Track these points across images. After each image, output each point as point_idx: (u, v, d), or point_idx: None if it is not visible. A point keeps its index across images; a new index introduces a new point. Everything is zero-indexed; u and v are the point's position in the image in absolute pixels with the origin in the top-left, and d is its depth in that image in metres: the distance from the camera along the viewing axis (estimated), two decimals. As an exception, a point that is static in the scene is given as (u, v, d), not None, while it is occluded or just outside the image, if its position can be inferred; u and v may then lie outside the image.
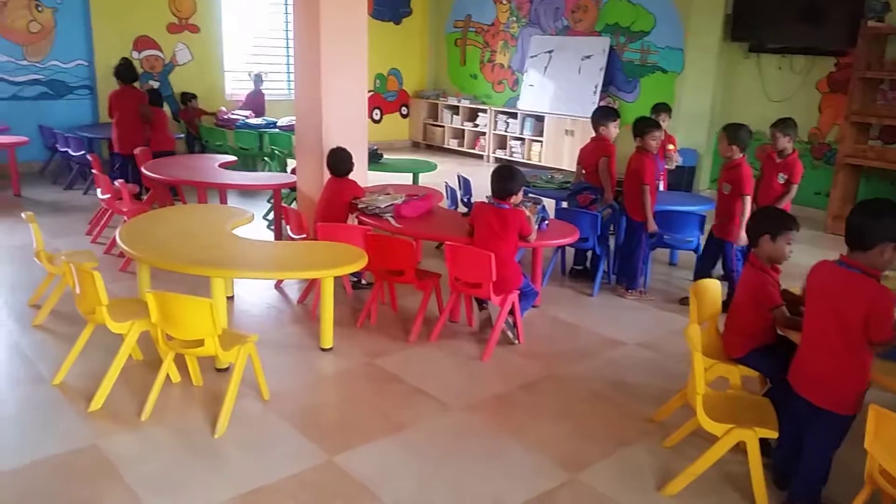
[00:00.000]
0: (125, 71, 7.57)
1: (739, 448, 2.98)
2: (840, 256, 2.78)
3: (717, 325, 3.61)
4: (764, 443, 3.06)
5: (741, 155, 5.07)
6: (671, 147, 6.41)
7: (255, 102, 10.55)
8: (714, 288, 3.65)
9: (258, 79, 10.70)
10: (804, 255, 3.88)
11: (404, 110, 13.18)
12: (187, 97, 10.08)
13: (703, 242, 5.55)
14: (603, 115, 5.82)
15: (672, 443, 3.41)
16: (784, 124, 5.48)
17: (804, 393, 2.89)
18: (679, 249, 6.11)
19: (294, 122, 8.97)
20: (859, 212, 2.77)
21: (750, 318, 3.34)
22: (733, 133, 5.06)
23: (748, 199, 4.97)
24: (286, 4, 11.39)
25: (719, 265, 5.29)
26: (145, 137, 7.63)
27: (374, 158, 7.41)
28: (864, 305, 2.66)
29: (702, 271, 5.23)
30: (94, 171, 6.59)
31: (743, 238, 4.67)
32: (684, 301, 5.23)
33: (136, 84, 7.81)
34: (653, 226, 5.27)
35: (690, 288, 3.58)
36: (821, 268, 2.90)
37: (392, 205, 5.07)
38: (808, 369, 2.90)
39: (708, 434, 3.01)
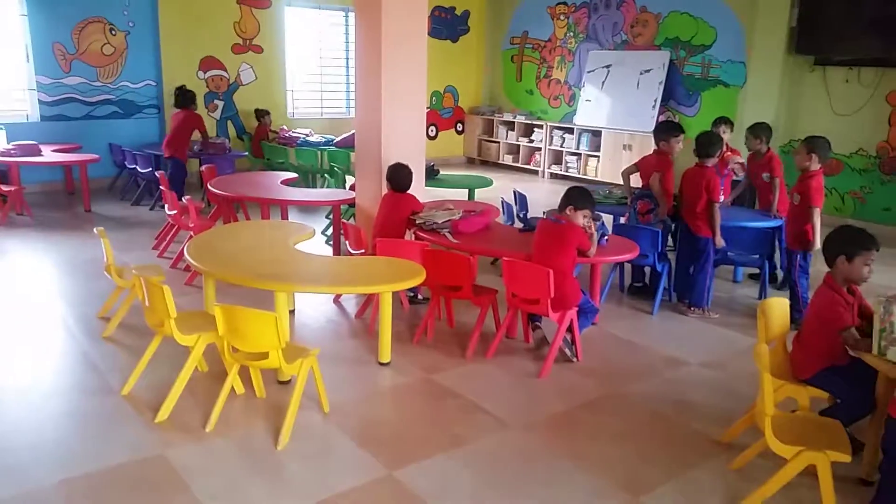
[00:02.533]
0: (182, 97, 8.32)
1: (809, 471, 2.88)
2: None
3: (786, 343, 3.51)
4: None
5: (819, 166, 5.06)
6: (729, 154, 6.29)
7: None
8: (782, 306, 3.55)
9: None
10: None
11: (459, 126, 13.26)
12: (261, 113, 10.28)
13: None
14: (664, 130, 5.73)
15: (738, 465, 3.31)
16: (758, 128, 6.04)
17: None
18: (744, 266, 5.99)
19: (344, 138, 9.26)
20: None
21: (818, 339, 3.24)
22: (813, 143, 5.11)
23: (816, 211, 4.96)
24: (346, 24, 11.62)
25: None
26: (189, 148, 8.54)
27: (431, 174, 7.46)
28: None
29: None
30: (161, 187, 6.81)
31: (814, 247, 4.97)
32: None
33: (193, 107, 8.44)
34: (721, 241, 5.24)
35: (759, 306, 3.49)
36: None
37: (449, 220, 5.09)
38: None
39: (776, 456, 2.92)
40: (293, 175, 7.55)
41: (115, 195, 9.24)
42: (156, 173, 7.59)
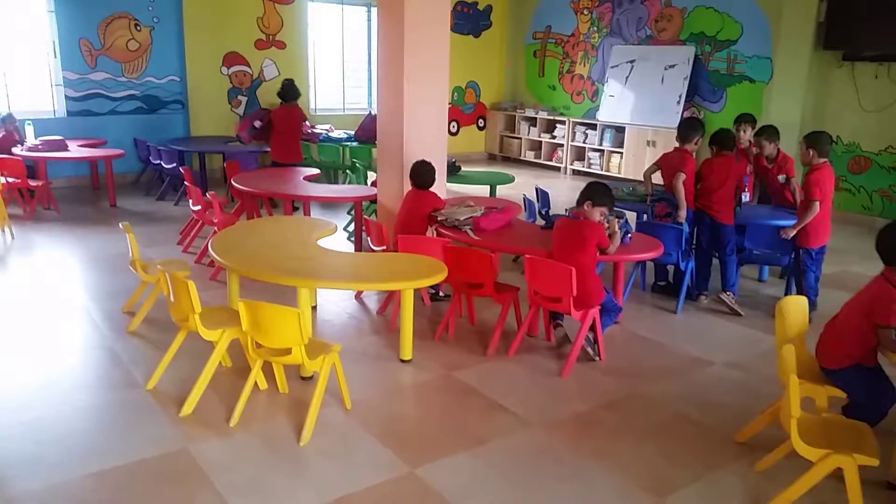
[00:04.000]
0: (287, 91, 8.19)
1: (835, 475, 2.83)
2: None
3: (804, 342, 3.48)
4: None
5: (821, 160, 5.07)
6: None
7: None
8: (800, 304, 3.52)
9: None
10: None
11: (481, 122, 13.22)
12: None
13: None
14: (689, 128, 5.67)
15: (763, 467, 3.28)
16: (769, 132, 5.92)
17: None
18: (769, 265, 5.92)
19: (361, 127, 9.26)
20: None
21: (856, 331, 3.17)
22: (810, 138, 5.18)
23: (815, 205, 5.03)
24: (369, 20, 11.62)
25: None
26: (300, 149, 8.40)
27: (452, 171, 7.45)
28: None
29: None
30: (186, 182, 6.87)
31: (816, 242, 5.15)
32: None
33: (297, 103, 8.35)
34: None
35: (776, 305, 3.46)
36: None
37: (471, 217, 5.08)
38: None
39: (802, 458, 2.88)
40: (315, 171, 7.58)
41: (139, 190, 9.33)
42: (180, 168, 7.66)
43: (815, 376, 3.37)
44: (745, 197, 5.99)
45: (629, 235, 4.86)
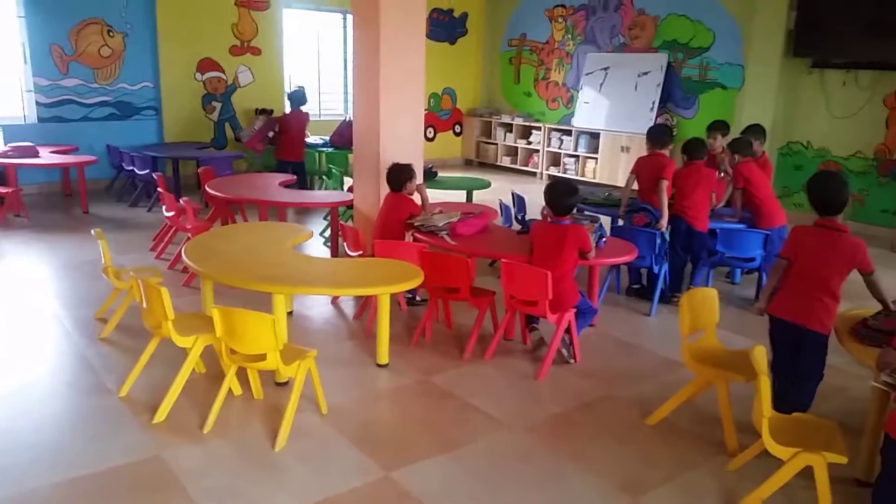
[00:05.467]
0: (299, 98, 9.07)
1: (806, 472, 2.88)
2: None
3: (714, 333, 3.70)
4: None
5: (743, 159, 5.74)
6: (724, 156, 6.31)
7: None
8: (708, 296, 3.71)
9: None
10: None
11: (457, 128, 13.27)
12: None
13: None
14: (663, 133, 5.78)
15: (736, 466, 3.32)
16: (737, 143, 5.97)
17: None
18: (740, 268, 6.01)
19: (336, 132, 9.37)
20: None
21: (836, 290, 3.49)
22: (732, 146, 5.83)
23: (738, 192, 5.77)
24: (345, 27, 11.62)
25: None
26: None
27: (429, 176, 7.45)
28: None
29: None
30: (159, 189, 6.81)
31: (768, 223, 5.63)
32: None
33: (304, 108, 9.12)
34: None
35: (682, 297, 3.63)
36: None
37: (448, 223, 5.09)
38: None
39: (773, 457, 2.93)
40: (291, 177, 7.55)
41: (112, 197, 9.23)
42: (153, 175, 7.59)
43: (720, 363, 3.56)
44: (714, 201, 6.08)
45: (604, 240, 4.91)
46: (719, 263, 5.85)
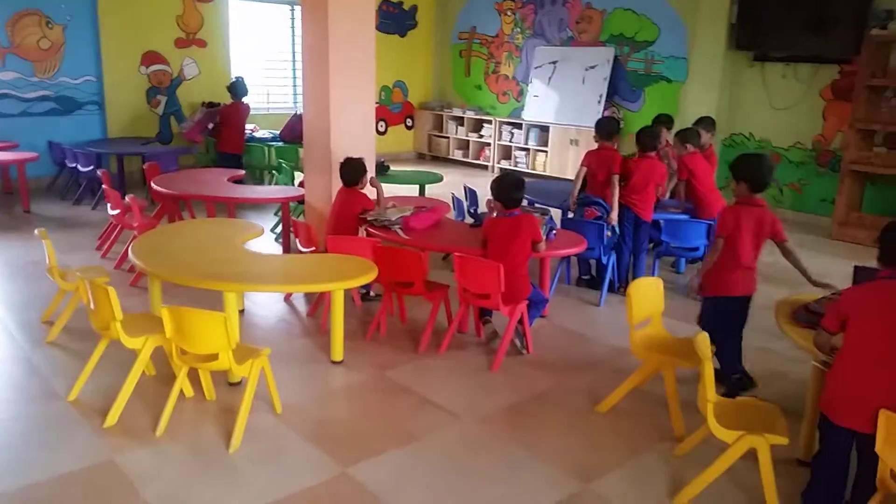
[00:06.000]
0: (237, 88, 9.01)
1: (750, 455, 2.99)
2: None
3: (661, 321, 3.84)
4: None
5: (691, 150, 5.98)
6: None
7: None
8: (652, 286, 3.86)
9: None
10: (809, 262, 3.91)
11: (409, 122, 13.25)
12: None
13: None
14: (611, 126, 5.89)
15: (683, 451, 3.43)
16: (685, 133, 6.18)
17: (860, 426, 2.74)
18: (685, 258, 6.18)
19: (287, 126, 9.31)
20: None
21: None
22: (681, 134, 6.05)
23: (681, 184, 6.00)
24: (293, 19, 11.49)
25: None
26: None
27: (381, 170, 7.45)
28: None
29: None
30: (103, 186, 6.65)
31: (707, 214, 5.83)
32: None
33: (245, 100, 9.08)
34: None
35: (629, 287, 3.76)
36: (877, 290, 2.78)
37: (401, 217, 5.11)
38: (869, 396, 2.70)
39: (718, 441, 3.03)
40: (239, 171, 7.45)
41: (55, 195, 8.97)
42: (98, 171, 7.41)
43: (666, 351, 3.70)
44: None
45: (554, 232, 4.99)
46: (664, 253, 5.99)
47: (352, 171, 5.20)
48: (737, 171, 3.91)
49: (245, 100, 9.08)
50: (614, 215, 5.58)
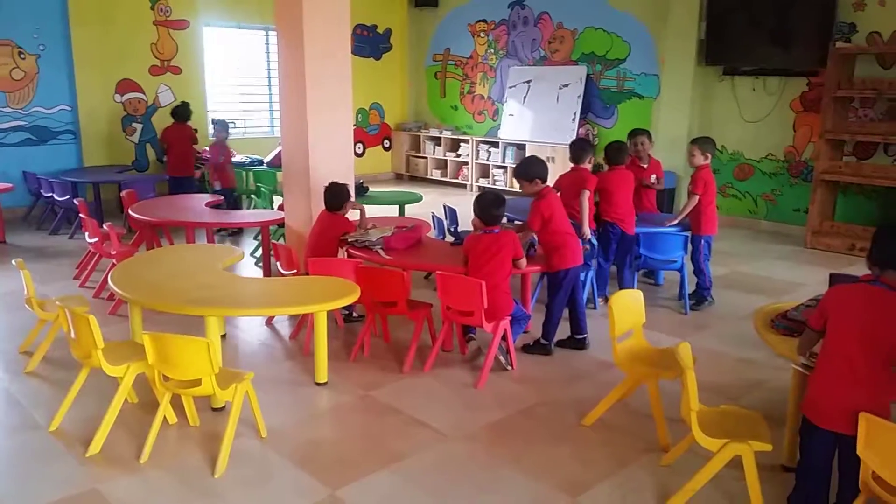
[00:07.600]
0: (181, 111, 9.10)
1: (735, 463, 3.02)
2: (881, 278, 2.73)
3: (642, 333, 3.85)
4: None
5: (706, 161, 5.84)
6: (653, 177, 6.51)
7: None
8: (632, 298, 3.89)
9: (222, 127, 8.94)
10: (785, 271, 3.98)
11: (387, 143, 13.31)
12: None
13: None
14: (581, 148, 5.84)
15: (669, 461, 3.45)
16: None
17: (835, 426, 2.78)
18: (663, 270, 6.24)
19: (276, 156, 9.24)
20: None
21: None
22: (699, 141, 5.88)
23: (694, 198, 5.76)
24: (267, 44, 11.53)
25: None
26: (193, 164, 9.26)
27: (361, 192, 7.47)
28: None
29: None
30: (80, 215, 6.60)
31: (706, 230, 5.77)
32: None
33: (189, 123, 9.18)
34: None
35: (610, 299, 3.76)
36: (855, 291, 2.82)
37: (382, 237, 5.12)
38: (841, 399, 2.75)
39: (703, 450, 3.05)
40: (218, 197, 7.43)
41: (31, 225, 8.87)
42: (74, 200, 7.35)
43: (649, 362, 3.74)
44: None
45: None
46: (643, 266, 6.06)
47: (336, 195, 5.22)
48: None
49: (190, 123, 9.20)
50: (585, 229, 5.57)
